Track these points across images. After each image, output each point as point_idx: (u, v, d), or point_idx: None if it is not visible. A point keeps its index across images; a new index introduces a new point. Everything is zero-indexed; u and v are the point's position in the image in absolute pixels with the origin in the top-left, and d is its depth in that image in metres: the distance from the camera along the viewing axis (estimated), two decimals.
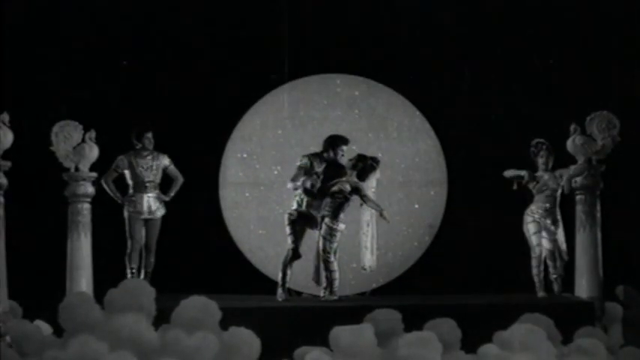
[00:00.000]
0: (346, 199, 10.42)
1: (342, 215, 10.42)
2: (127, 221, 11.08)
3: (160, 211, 11.14)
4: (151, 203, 11.08)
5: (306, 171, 10.51)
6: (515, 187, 10.84)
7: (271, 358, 8.95)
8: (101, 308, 8.81)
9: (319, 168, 10.53)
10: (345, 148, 10.58)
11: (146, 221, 11.10)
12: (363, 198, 10.44)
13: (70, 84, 11.76)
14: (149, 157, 11.13)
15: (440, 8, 12.02)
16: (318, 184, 10.48)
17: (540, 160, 10.88)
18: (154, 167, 11.12)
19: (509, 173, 10.86)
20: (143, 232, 11.09)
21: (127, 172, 11.10)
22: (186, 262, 11.69)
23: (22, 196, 10.85)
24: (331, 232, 10.41)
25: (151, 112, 11.62)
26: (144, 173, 11.06)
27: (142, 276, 10.98)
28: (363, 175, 10.50)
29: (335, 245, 10.42)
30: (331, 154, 10.56)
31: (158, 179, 11.15)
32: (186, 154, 11.76)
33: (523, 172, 10.84)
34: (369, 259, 10.69)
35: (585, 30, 11.87)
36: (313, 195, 10.46)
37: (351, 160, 10.55)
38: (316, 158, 10.57)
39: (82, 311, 8.71)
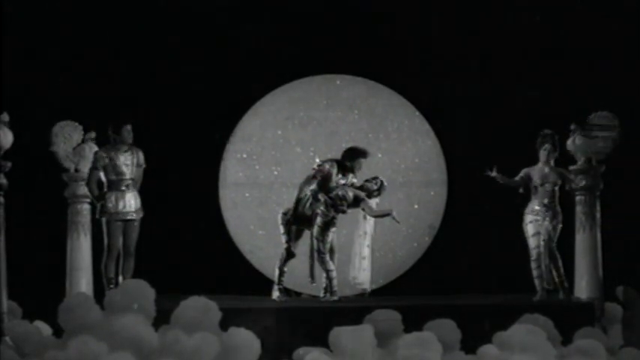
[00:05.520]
0: (343, 207, 10.47)
1: (333, 217, 10.48)
2: (104, 226, 10.37)
3: (140, 212, 10.45)
4: (132, 203, 10.42)
5: (326, 178, 10.51)
6: (521, 190, 10.82)
7: (271, 358, 8.96)
8: (101, 309, 8.81)
9: (336, 176, 10.54)
10: (363, 161, 10.59)
11: (125, 223, 10.39)
12: (366, 209, 10.49)
13: (70, 84, 11.76)
14: (128, 153, 10.39)
15: (440, 8, 12.02)
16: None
17: (543, 153, 10.80)
18: (133, 164, 10.43)
19: (502, 179, 10.79)
20: (121, 237, 10.39)
21: (104, 169, 10.36)
22: (185, 263, 11.70)
23: (22, 196, 10.85)
24: (323, 233, 10.47)
25: (151, 112, 11.62)
26: (124, 170, 10.38)
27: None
28: (371, 196, 10.58)
29: (328, 245, 10.49)
30: (349, 164, 10.56)
31: (136, 176, 10.48)
32: (186, 154, 11.78)
33: (516, 178, 10.79)
34: (363, 272, 10.72)
35: (585, 30, 11.87)
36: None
37: (375, 183, 10.61)
38: (335, 166, 10.57)
39: (81, 312, 8.71)
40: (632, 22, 11.75)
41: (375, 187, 10.63)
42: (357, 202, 10.52)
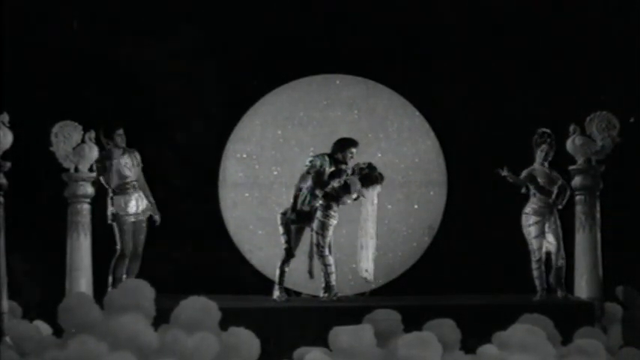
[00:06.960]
0: (338, 195, 10.49)
1: (333, 210, 10.47)
2: (115, 229, 10.58)
3: (147, 212, 10.67)
4: (139, 203, 10.63)
5: (320, 173, 10.56)
6: (524, 190, 10.82)
7: (271, 358, 8.96)
8: (100, 308, 8.81)
9: (329, 169, 10.59)
10: (354, 150, 10.64)
11: (134, 224, 10.57)
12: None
13: (70, 84, 11.76)
14: (126, 155, 10.58)
15: (439, 8, 12.02)
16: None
17: (540, 153, 10.81)
18: (134, 165, 10.60)
19: (511, 178, 10.78)
20: (133, 238, 10.57)
21: (108, 175, 10.58)
22: (185, 263, 11.70)
23: (22, 196, 10.84)
24: (323, 227, 10.49)
25: (150, 112, 11.62)
26: (127, 172, 10.56)
27: None
28: (365, 182, 10.56)
29: (328, 239, 10.51)
30: (340, 156, 10.61)
31: (138, 177, 10.66)
32: (186, 154, 11.77)
33: (521, 177, 10.79)
34: (366, 262, 10.68)
35: (586, 30, 11.86)
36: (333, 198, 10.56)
37: (362, 164, 10.61)
38: (327, 160, 10.61)
39: (81, 312, 8.71)
40: (633, 22, 11.74)
41: (364, 165, 10.61)
42: (347, 186, 10.52)
